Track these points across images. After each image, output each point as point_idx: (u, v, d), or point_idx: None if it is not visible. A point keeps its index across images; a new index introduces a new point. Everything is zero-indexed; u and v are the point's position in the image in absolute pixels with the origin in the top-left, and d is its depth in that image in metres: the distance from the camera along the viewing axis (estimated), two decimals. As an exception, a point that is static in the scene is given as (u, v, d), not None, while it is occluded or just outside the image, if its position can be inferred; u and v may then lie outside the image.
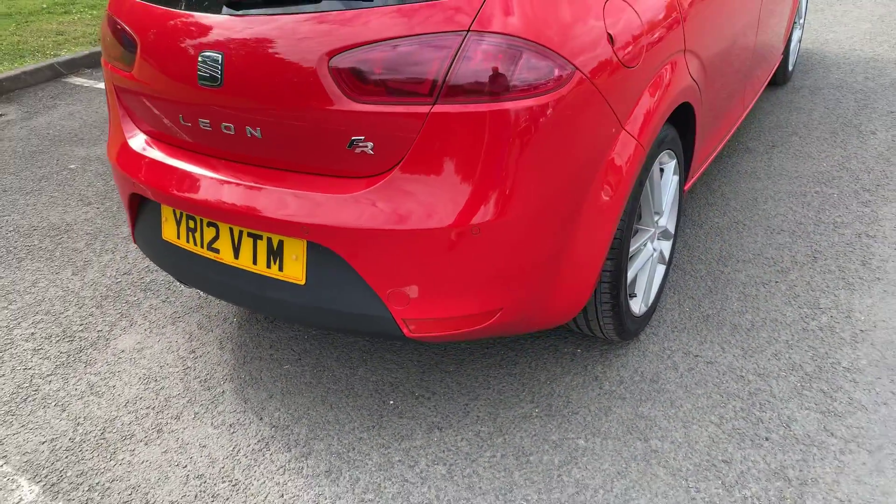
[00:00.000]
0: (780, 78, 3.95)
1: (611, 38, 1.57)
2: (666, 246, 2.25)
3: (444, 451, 1.81)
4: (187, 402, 2.05)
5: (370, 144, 1.53)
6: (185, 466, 1.82)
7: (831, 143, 3.32)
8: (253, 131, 1.65)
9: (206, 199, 1.73)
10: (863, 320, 2.15)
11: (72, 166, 3.69)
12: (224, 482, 1.77)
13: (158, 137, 1.92)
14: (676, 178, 2.15)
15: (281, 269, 1.70)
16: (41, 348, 2.33)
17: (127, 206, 2.05)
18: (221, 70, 1.62)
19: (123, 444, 1.91)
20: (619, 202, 1.67)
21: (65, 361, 2.26)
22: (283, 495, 1.72)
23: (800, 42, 4.20)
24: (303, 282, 1.68)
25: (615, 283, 1.82)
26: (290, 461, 1.81)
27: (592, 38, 1.53)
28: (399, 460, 1.79)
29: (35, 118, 4.47)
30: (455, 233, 1.51)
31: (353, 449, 1.84)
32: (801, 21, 4.09)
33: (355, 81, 1.50)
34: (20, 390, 2.14)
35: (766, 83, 3.35)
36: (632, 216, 1.79)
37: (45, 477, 1.82)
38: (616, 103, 1.61)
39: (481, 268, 1.56)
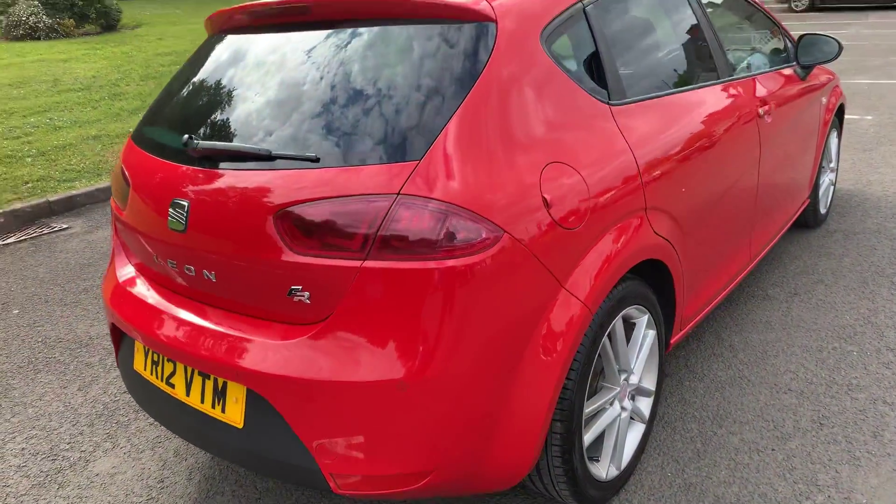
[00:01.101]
0: (811, 221, 3.83)
1: (546, 202, 1.59)
2: (645, 403, 2.14)
3: None
4: (139, 536, 2.03)
5: (307, 294, 1.57)
6: None
7: (859, 294, 3.14)
8: (209, 274, 1.73)
9: (165, 336, 1.80)
10: (863, 503, 1.93)
11: (109, 281, 3.92)
12: None
13: (140, 271, 2.04)
14: (653, 332, 2.07)
15: (223, 410, 1.71)
16: (25, 465, 2.39)
17: (111, 336, 2.15)
18: (186, 217, 1.73)
19: (65, 578, 1.89)
20: (560, 362, 1.61)
21: (41, 482, 2.30)
22: None
23: (833, 185, 4.11)
24: (241, 425, 1.68)
25: (567, 446, 1.73)
26: None
27: (525, 202, 1.55)
28: None
29: (95, 232, 4.84)
30: (380, 387, 1.49)
31: None
32: (832, 164, 4.01)
33: (296, 234, 1.56)
34: (-9, 509, 2.18)
35: (785, 227, 3.26)
36: (584, 376, 1.72)
37: None
38: (552, 264, 1.59)
39: (410, 425, 1.52)
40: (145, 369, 1.94)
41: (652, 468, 2.14)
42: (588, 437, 1.83)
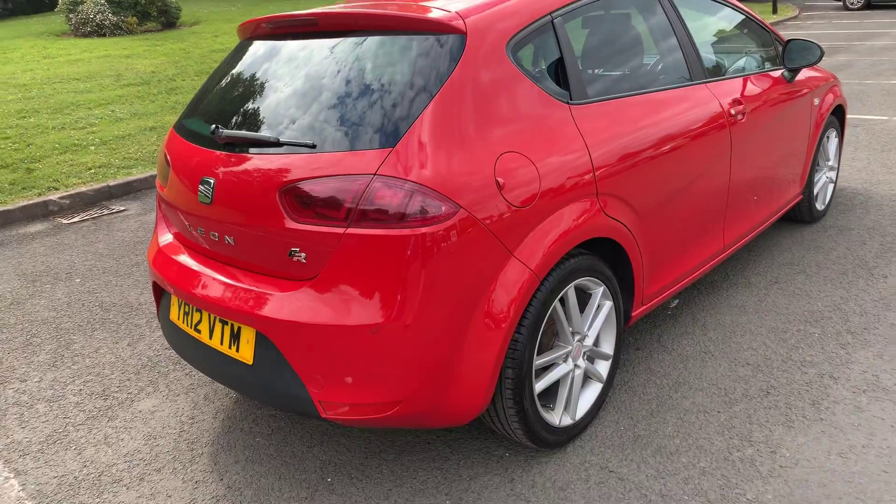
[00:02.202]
0: (807, 216, 4.03)
1: (499, 185, 1.92)
2: (603, 366, 2.44)
3: (355, 526, 2.05)
4: (171, 458, 2.44)
5: (304, 255, 1.94)
6: (149, 510, 2.19)
7: (836, 284, 3.35)
8: (229, 239, 2.12)
9: (194, 290, 2.20)
10: (787, 457, 2.20)
11: (158, 256, 4.40)
12: (172, 527, 2.11)
13: (177, 238, 2.45)
14: (609, 303, 2.37)
15: (238, 350, 2.10)
16: (82, 402, 2.84)
17: (153, 292, 2.57)
18: (212, 192, 2.12)
19: (111, 487, 2.32)
20: (507, 319, 1.94)
21: (95, 415, 2.75)
22: (212, 544, 2.03)
23: (833, 183, 4.27)
24: (251, 362, 2.07)
25: (518, 390, 2.05)
26: (229, 517, 2.13)
27: (480, 184, 1.88)
28: (316, 529, 2.06)
29: (148, 214, 5.35)
30: (357, 329, 1.85)
31: (284, 514, 2.13)
32: (830, 163, 4.18)
33: (295, 206, 1.93)
34: (54, 434, 2.63)
35: (770, 219, 3.48)
36: (534, 332, 2.05)
37: (41, 497, 2.25)
38: (503, 235, 1.92)
39: (381, 362, 1.88)
40: (179, 319, 2.35)
41: (608, 422, 2.44)
42: (539, 386, 2.15)
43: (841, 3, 18.26)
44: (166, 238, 2.50)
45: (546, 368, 2.24)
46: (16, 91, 9.19)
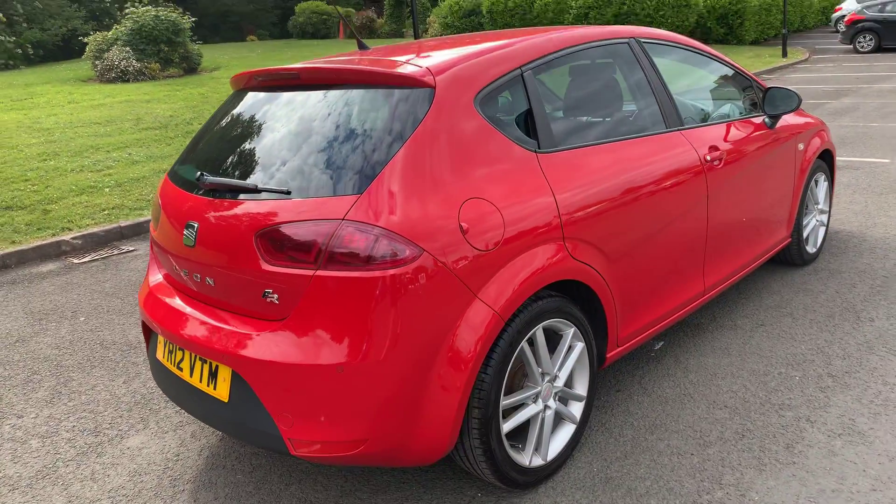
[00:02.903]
0: (797, 259, 4.05)
1: (462, 229, 2.00)
2: (577, 407, 2.47)
3: (323, 564, 2.09)
4: (153, 495, 2.50)
5: (276, 296, 2.02)
6: (126, 545, 2.24)
7: (821, 327, 3.36)
8: (210, 280, 2.22)
9: (176, 330, 2.29)
10: (755, 500, 2.20)
11: (161, 296, 4.52)
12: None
13: (165, 279, 2.56)
14: (581, 344, 2.42)
15: (215, 388, 2.18)
16: (74, 438, 2.92)
17: (142, 331, 2.67)
18: (195, 235, 2.23)
19: (93, 521, 2.37)
20: (472, 359, 2.00)
21: (85, 451, 2.82)
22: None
23: (825, 226, 4.30)
24: (226, 400, 2.14)
25: (484, 429, 2.10)
26: (203, 553, 2.18)
27: (443, 229, 1.97)
28: (285, 566, 2.10)
29: (155, 254, 5.50)
30: (324, 369, 1.92)
31: (256, 551, 2.17)
32: (820, 206, 4.21)
33: (270, 249, 2.03)
34: (44, 469, 2.71)
35: (756, 262, 3.52)
36: (500, 372, 2.10)
37: (28, 537, 2.31)
38: (467, 278, 2.00)
39: (347, 401, 1.94)
40: (163, 357, 2.44)
41: (582, 464, 2.47)
42: (507, 426, 2.19)
43: (851, 47, 18.43)
44: (156, 279, 2.61)
45: (516, 408, 2.28)
46: (39, 135, 9.55)
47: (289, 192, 2.06)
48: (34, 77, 17.77)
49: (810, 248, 4.14)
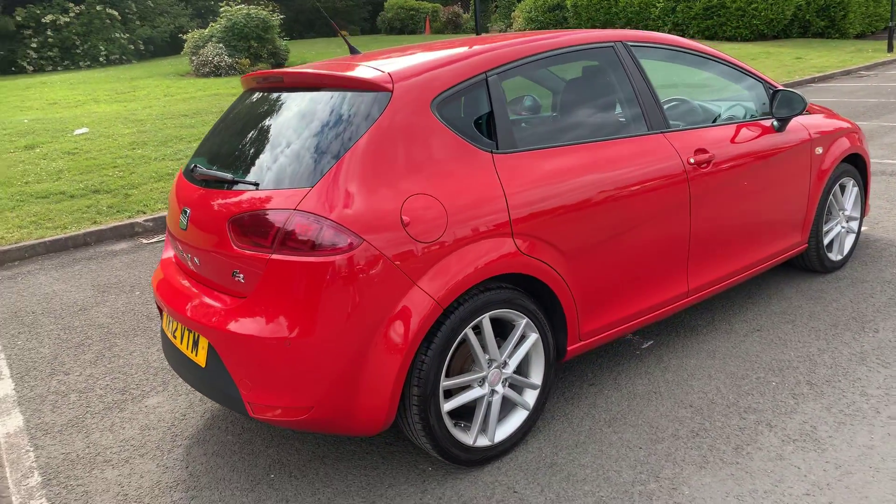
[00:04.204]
0: (817, 266, 3.95)
1: (403, 222, 2.19)
2: (531, 395, 2.61)
3: (277, 516, 2.35)
4: (155, 447, 2.85)
5: (242, 275, 2.29)
6: (122, 485, 2.59)
7: (819, 335, 3.30)
8: (197, 260, 2.52)
9: (173, 304, 2.61)
10: (685, 494, 2.27)
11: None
12: (141, 498, 2.50)
13: (174, 259, 2.89)
14: (535, 335, 2.55)
15: (196, 355, 2.48)
16: (105, 395, 3.34)
17: (157, 306, 3.03)
18: (187, 220, 2.54)
19: (101, 465, 2.75)
20: (407, 341, 2.19)
21: (111, 406, 3.22)
22: (160, 518, 2.39)
23: (855, 233, 4.15)
24: (204, 365, 2.43)
25: (423, 407, 2.28)
26: (182, 499, 2.49)
27: (385, 221, 2.17)
28: (245, 515, 2.38)
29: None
30: (274, 342, 2.17)
31: (228, 499, 2.46)
32: (847, 213, 4.07)
33: (238, 233, 2.30)
34: (75, 419, 3.13)
35: (756, 267, 3.48)
36: (440, 355, 2.27)
37: (48, 468, 2.71)
38: (406, 266, 2.18)
39: (295, 371, 2.18)
40: (167, 328, 2.77)
41: (532, 448, 2.60)
42: (449, 405, 2.36)
43: (892, 54, 16.92)
44: (166, 260, 2.95)
45: (463, 389, 2.45)
46: (133, 125, 10.43)
47: (257, 184, 2.32)
48: (140, 71, 19.25)
49: (834, 256, 4.02)
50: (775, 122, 3.47)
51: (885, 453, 2.40)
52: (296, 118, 2.43)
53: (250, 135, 2.55)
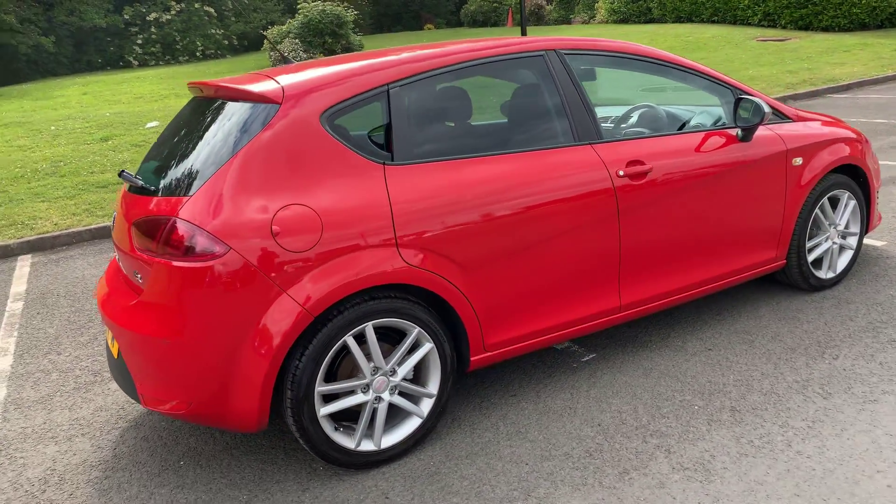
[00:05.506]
0: (800, 283, 3.72)
1: (273, 232, 2.28)
2: (427, 404, 2.64)
3: (177, 498, 2.52)
4: (104, 422, 3.10)
5: (139, 276, 2.47)
6: (55, 461, 2.85)
7: (770, 359, 3.12)
8: (119, 259, 2.72)
9: (99, 301, 2.82)
10: (546, 516, 2.24)
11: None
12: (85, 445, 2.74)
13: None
14: (430, 345, 2.58)
15: (113, 346, 2.68)
16: (80, 377, 3.64)
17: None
18: (113, 222, 2.74)
19: (45, 440, 3.02)
20: (275, 346, 2.28)
21: (79, 387, 3.52)
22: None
23: (851, 251, 3.86)
24: (116, 357, 2.63)
25: (296, 409, 2.37)
26: (98, 478, 2.71)
27: (255, 230, 2.27)
28: (149, 494, 2.55)
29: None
30: (155, 340, 2.33)
31: (135, 480, 2.66)
32: (840, 228, 3.78)
33: (136, 237, 2.47)
34: (47, 396, 3.44)
35: (716, 283, 3.32)
36: (315, 361, 2.35)
37: (3, 440, 3.01)
38: (275, 275, 2.28)
39: (173, 367, 2.34)
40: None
41: (424, 456, 2.63)
42: (328, 409, 2.44)
43: None
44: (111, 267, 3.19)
45: (349, 393, 2.51)
46: (199, 119, 11.06)
47: (155, 191, 2.48)
48: (227, 66, 20.30)
49: (822, 273, 3.76)
50: (739, 132, 3.29)
51: (773, 491, 2.27)
52: (203, 128, 2.57)
53: (171, 142, 2.72)
